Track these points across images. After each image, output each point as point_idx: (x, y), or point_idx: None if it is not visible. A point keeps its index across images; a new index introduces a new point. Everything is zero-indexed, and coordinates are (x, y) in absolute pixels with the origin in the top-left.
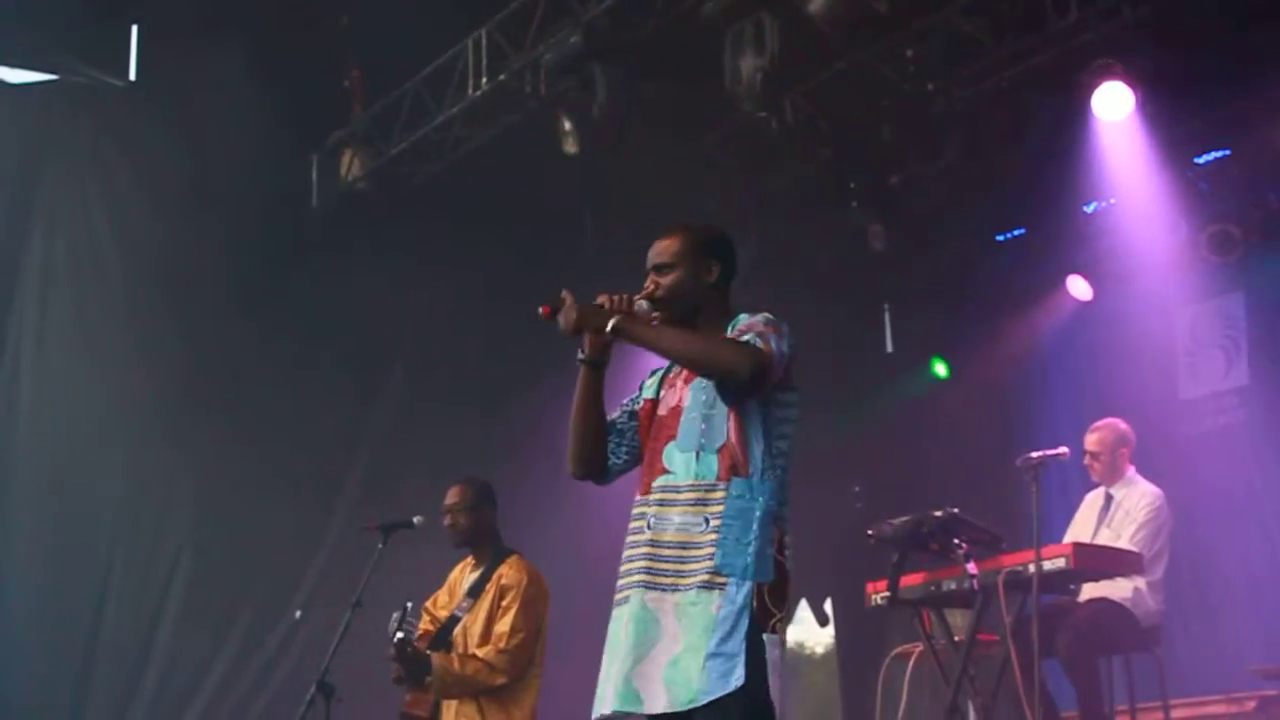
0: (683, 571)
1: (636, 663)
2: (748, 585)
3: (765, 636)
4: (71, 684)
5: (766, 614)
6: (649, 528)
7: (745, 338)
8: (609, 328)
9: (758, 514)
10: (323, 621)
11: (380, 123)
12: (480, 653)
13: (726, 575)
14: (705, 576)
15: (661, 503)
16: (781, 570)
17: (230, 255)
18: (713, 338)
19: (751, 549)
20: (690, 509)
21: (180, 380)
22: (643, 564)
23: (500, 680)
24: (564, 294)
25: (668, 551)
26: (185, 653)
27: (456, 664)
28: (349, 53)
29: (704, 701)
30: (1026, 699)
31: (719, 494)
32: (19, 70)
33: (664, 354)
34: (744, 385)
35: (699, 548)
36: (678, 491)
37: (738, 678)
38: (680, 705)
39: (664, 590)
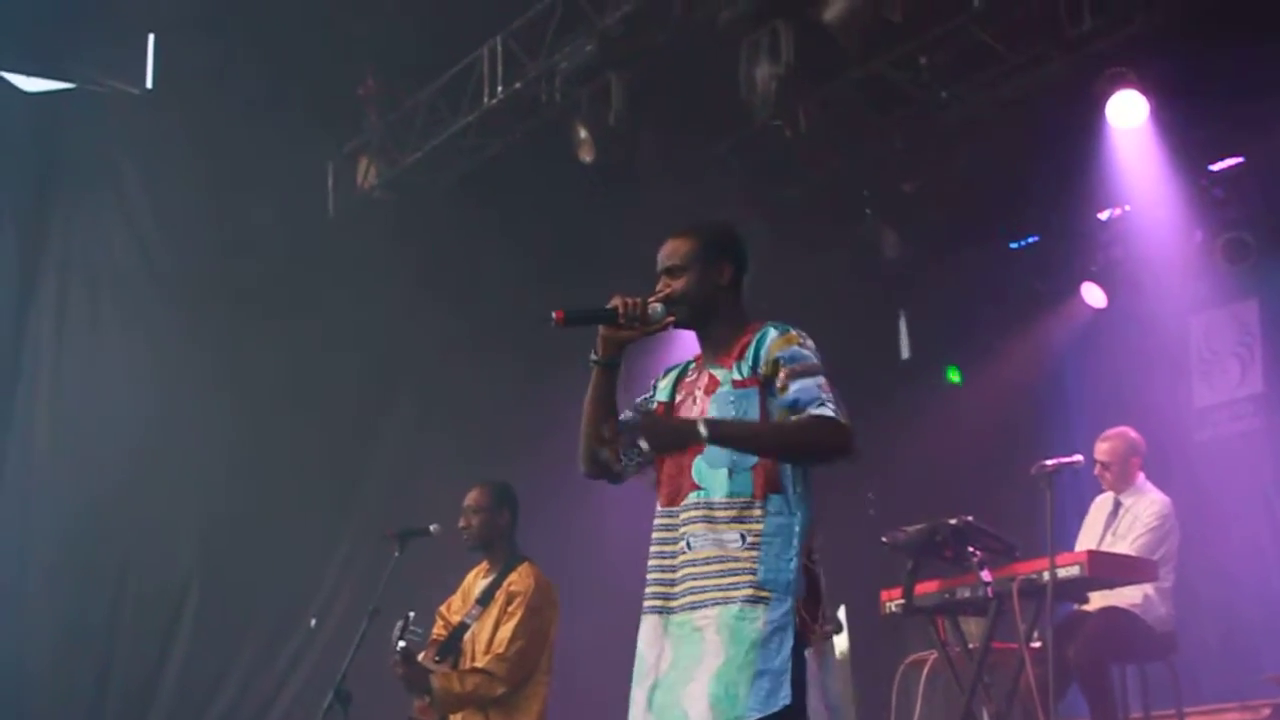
0: (724, 586)
1: (680, 681)
2: (789, 601)
3: (806, 652)
4: (89, 693)
5: (806, 627)
6: (689, 548)
7: (823, 409)
8: (704, 439)
9: (797, 529)
10: (339, 629)
11: (396, 131)
12: (480, 663)
13: (770, 591)
14: (749, 591)
15: (694, 520)
16: (811, 577)
17: (246, 263)
18: (803, 425)
19: (793, 565)
20: (727, 526)
21: (197, 386)
22: (684, 584)
23: (500, 689)
24: (649, 412)
25: (708, 568)
26: (202, 660)
27: (456, 683)
28: (365, 61)
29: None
30: (1042, 708)
31: (757, 511)
32: (36, 79)
33: (762, 455)
34: (840, 462)
35: (738, 562)
36: (712, 508)
37: (784, 696)
38: None
39: (706, 606)
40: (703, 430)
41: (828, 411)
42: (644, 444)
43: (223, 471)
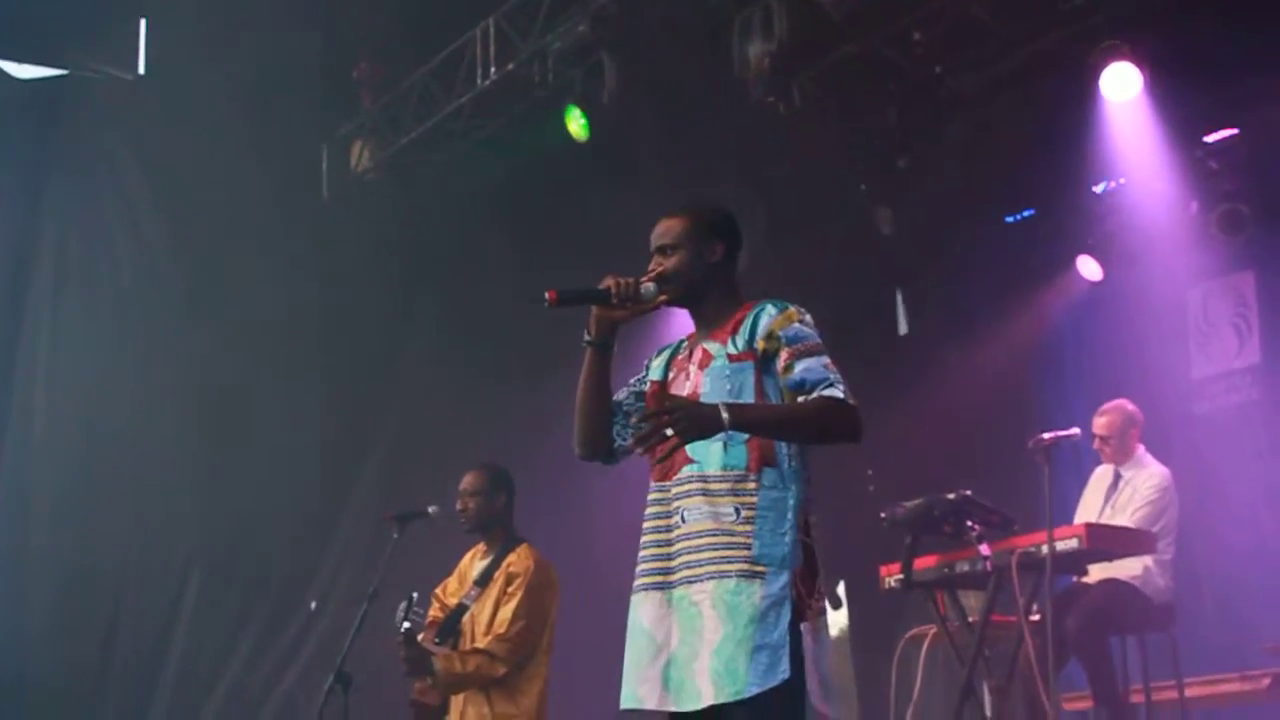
0: (718, 560)
1: (689, 657)
2: (785, 575)
3: (802, 626)
4: (91, 675)
5: (803, 602)
6: (683, 521)
7: (832, 390)
8: (726, 424)
9: (791, 503)
10: (339, 611)
11: (389, 113)
12: (481, 644)
13: (765, 565)
14: (744, 566)
15: (688, 493)
16: (808, 552)
17: (240, 246)
18: (817, 408)
19: (788, 539)
20: (721, 499)
21: (193, 368)
22: (680, 558)
23: (501, 669)
24: (673, 400)
25: (702, 541)
26: (203, 644)
27: (458, 664)
28: (358, 44)
29: (750, 694)
30: (1041, 680)
31: (751, 484)
32: (29, 66)
33: (782, 438)
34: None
35: (732, 536)
36: (706, 481)
37: (783, 671)
38: (727, 698)
39: (702, 580)
40: (725, 416)
41: (838, 393)
42: (670, 432)
43: (221, 454)
